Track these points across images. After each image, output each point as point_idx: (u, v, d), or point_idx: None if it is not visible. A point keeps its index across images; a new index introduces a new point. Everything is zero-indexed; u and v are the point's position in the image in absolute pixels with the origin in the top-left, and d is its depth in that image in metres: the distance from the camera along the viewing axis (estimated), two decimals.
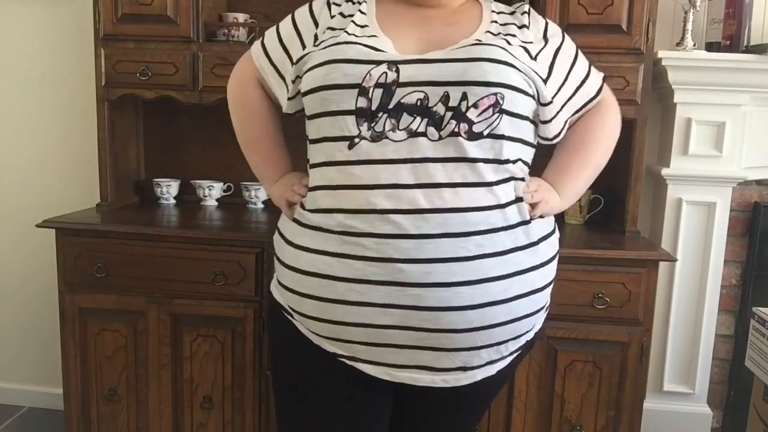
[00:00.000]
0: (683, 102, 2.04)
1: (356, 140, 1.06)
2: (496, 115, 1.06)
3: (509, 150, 1.10)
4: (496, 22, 1.18)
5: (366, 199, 1.05)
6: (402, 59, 1.07)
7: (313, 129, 1.15)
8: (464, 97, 1.05)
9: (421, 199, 1.04)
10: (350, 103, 1.07)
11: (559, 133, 1.22)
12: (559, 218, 2.14)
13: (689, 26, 2.00)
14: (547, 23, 1.23)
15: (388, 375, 1.12)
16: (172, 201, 2.27)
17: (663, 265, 1.98)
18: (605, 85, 1.30)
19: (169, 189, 2.26)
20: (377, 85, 1.06)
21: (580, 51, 1.26)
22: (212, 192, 2.25)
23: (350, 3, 1.21)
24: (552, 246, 1.20)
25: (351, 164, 1.07)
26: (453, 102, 1.05)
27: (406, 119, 1.05)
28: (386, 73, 1.06)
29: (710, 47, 2.06)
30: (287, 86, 1.24)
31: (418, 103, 1.05)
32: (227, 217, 2.10)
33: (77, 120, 2.36)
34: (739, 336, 2.24)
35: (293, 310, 1.17)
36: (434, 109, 1.05)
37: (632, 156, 1.93)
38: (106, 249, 1.87)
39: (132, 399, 1.93)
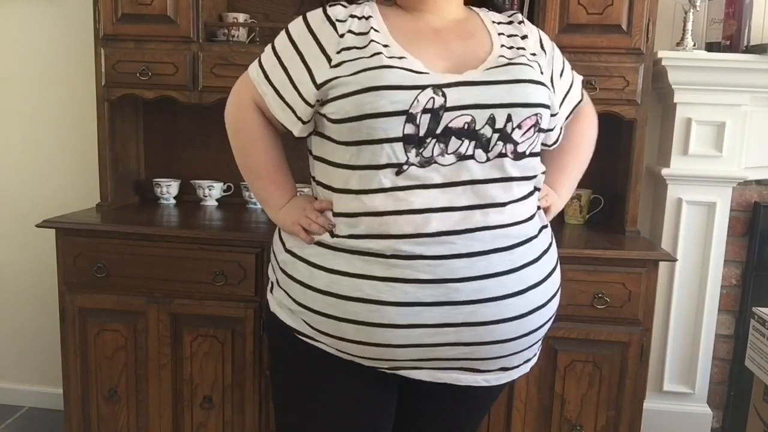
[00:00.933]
0: (683, 102, 2.04)
1: (405, 167, 1.05)
2: (536, 134, 1.11)
3: (536, 164, 1.15)
4: (502, 34, 1.19)
5: (416, 223, 1.05)
6: (446, 83, 1.06)
7: (348, 155, 1.09)
8: (509, 118, 1.07)
9: (471, 219, 1.05)
10: (397, 130, 1.04)
11: (557, 140, 1.28)
12: (560, 218, 2.14)
13: (689, 26, 2.00)
14: (539, 32, 1.26)
15: (432, 377, 1.14)
16: (172, 201, 2.27)
17: (663, 265, 1.98)
18: (584, 90, 1.37)
19: (169, 189, 2.26)
20: (425, 110, 1.04)
21: (563, 55, 1.31)
22: (212, 192, 2.25)
23: (355, 18, 1.13)
24: (555, 253, 1.24)
25: (399, 190, 1.06)
26: (499, 124, 1.06)
27: (454, 143, 1.05)
28: (434, 98, 1.04)
29: (710, 47, 2.06)
30: (294, 110, 1.15)
31: (466, 127, 1.05)
32: (227, 217, 2.10)
33: (77, 120, 2.36)
34: (739, 336, 2.24)
35: (322, 332, 1.13)
36: (481, 131, 1.06)
37: (632, 156, 1.93)
38: (106, 249, 1.87)
39: (132, 399, 1.93)
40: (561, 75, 1.26)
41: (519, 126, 1.07)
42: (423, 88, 1.04)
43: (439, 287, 1.04)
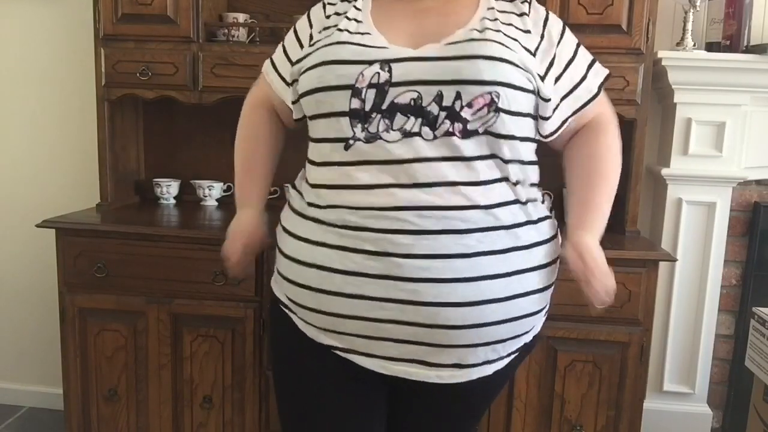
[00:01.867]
0: (683, 102, 2.04)
1: (351, 141, 1.07)
2: (492, 113, 1.05)
3: (508, 149, 1.09)
4: (493, 8, 1.15)
5: (363, 198, 1.05)
6: (394, 58, 1.06)
7: (312, 129, 1.16)
8: (458, 96, 1.04)
9: (419, 197, 1.03)
10: (344, 104, 1.06)
11: (556, 131, 1.19)
12: (559, 218, 2.14)
13: (689, 26, 2.00)
14: (548, 14, 1.20)
15: (382, 368, 1.12)
16: (172, 201, 2.27)
17: (663, 265, 1.98)
18: (603, 95, 1.23)
19: (169, 189, 2.26)
20: (370, 85, 1.05)
21: (582, 46, 1.22)
22: (212, 192, 2.25)
23: (346, 1, 1.20)
24: (553, 250, 1.19)
25: (347, 165, 1.07)
26: (447, 101, 1.04)
27: (399, 119, 1.05)
28: (379, 73, 1.05)
29: (710, 47, 2.06)
30: (291, 86, 1.24)
31: (412, 103, 1.04)
32: (227, 217, 2.08)
33: (77, 120, 2.36)
34: (739, 336, 2.24)
35: (291, 301, 1.17)
36: (428, 108, 1.04)
37: (632, 156, 1.93)
38: (106, 249, 1.87)
39: (132, 399, 1.93)
40: (569, 61, 1.18)
41: (470, 104, 1.04)
42: (370, 63, 1.06)
43: (382, 260, 1.04)
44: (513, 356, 1.17)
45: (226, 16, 2.12)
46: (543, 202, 1.21)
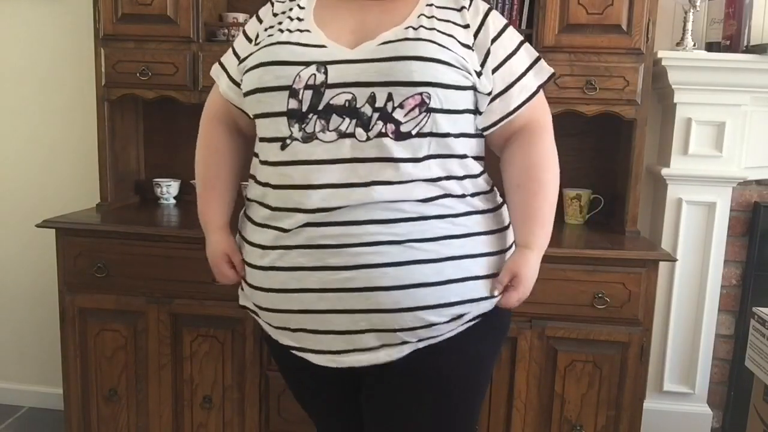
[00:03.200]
0: (683, 102, 2.04)
1: (288, 141, 1.09)
2: (423, 114, 1.06)
3: (443, 147, 1.10)
4: (432, 4, 1.15)
5: (298, 198, 1.08)
6: (330, 60, 1.08)
7: (257, 128, 1.18)
8: (390, 97, 1.05)
9: (351, 196, 1.06)
10: (282, 105, 1.09)
11: (489, 128, 1.18)
12: (560, 218, 2.14)
13: (689, 26, 2.00)
14: (489, 9, 1.18)
15: (333, 362, 1.15)
16: (172, 201, 2.27)
17: (663, 265, 1.98)
18: (540, 96, 1.19)
19: (169, 189, 2.26)
20: (307, 86, 1.07)
21: (524, 47, 1.19)
22: None
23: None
24: (497, 240, 1.18)
25: (284, 165, 1.10)
26: (379, 102, 1.05)
27: (335, 120, 1.07)
28: (315, 74, 1.07)
29: (710, 47, 2.06)
30: (238, 86, 1.24)
31: (346, 104, 1.06)
32: None
33: (77, 120, 2.36)
34: (739, 336, 2.24)
35: (255, 306, 1.23)
36: (362, 110, 1.06)
37: (632, 156, 1.93)
38: (106, 249, 1.87)
39: (132, 399, 1.93)
40: (507, 57, 1.16)
41: (401, 105, 1.05)
42: (307, 64, 1.08)
43: (315, 252, 1.08)
44: (454, 329, 1.15)
45: (226, 16, 2.13)
46: (491, 191, 1.21)
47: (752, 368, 1.79)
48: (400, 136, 1.06)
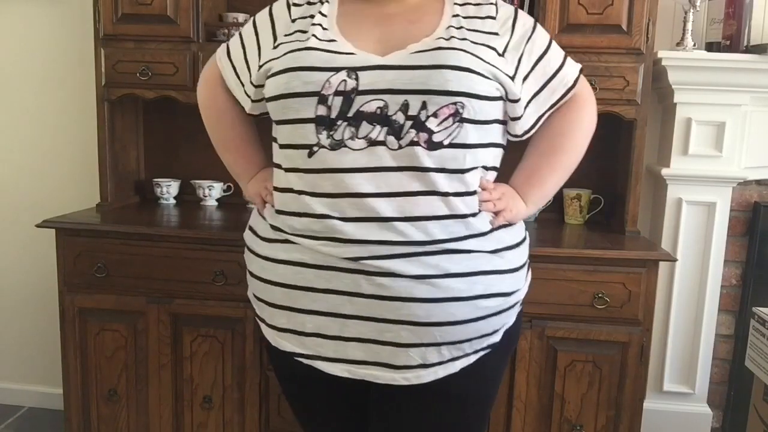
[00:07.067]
0: (683, 102, 2.04)
1: (315, 149, 1.07)
2: (456, 124, 1.05)
3: (471, 158, 1.09)
4: (458, 15, 1.15)
5: (328, 207, 1.06)
6: (361, 66, 1.06)
7: (279, 135, 1.15)
8: (424, 105, 1.04)
9: (382, 207, 1.04)
10: (310, 111, 1.06)
11: (530, 129, 1.19)
12: (560, 218, 2.14)
13: (689, 26, 2.00)
14: (516, 12, 1.18)
15: (348, 372, 1.13)
16: (172, 201, 2.28)
17: (663, 265, 1.98)
18: (582, 78, 1.23)
19: (169, 189, 2.26)
20: (336, 92, 1.05)
21: (554, 42, 1.21)
22: (212, 192, 2.25)
23: (310, 4, 1.18)
24: (520, 254, 1.19)
25: (311, 172, 1.08)
26: (412, 111, 1.03)
27: (365, 128, 1.04)
28: (345, 80, 1.05)
29: (710, 47, 2.06)
30: (244, 87, 1.24)
31: (378, 111, 1.04)
32: (227, 217, 2.10)
33: (77, 120, 2.36)
34: (739, 336, 2.24)
35: (260, 300, 1.19)
36: (394, 117, 1.04)
37: (632, 156, 1.93)
38: (106, 249, 1.87)
39: (132, 399, 1.93)
40: (539, 58, 1.17)
41: (435, 114, 1.04)
42: (337, 70, 1.06)
43: (350, 263, 1.06)
44: (481, 353, 1.16)
45: (226, 16, 2.13)
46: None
47: (752, 368, 1.79)
48: (432, 146, 1.05)
